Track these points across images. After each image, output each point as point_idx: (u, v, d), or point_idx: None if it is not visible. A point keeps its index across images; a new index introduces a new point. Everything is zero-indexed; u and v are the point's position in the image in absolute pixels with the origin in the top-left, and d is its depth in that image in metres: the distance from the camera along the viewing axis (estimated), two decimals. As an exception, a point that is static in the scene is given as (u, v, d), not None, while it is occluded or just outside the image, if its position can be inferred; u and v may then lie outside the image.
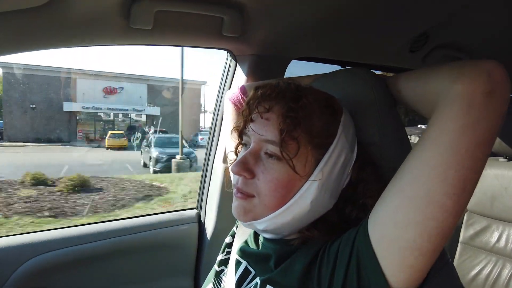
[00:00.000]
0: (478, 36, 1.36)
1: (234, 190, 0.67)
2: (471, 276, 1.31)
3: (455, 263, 1.38)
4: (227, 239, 0.85)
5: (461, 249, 1.38)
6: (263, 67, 1.21)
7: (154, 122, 14.66)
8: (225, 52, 1.26)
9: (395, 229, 0.51)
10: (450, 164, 0.48)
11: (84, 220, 4.83)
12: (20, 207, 5.01)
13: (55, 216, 4.85)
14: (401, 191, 0.52)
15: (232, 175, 0.78)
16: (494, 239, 1.30)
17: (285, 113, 0.60)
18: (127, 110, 15.47)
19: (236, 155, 0.74)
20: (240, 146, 0.72)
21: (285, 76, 1.27)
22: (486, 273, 1.28)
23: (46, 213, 4.87)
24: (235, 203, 0.66)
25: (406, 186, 0.52)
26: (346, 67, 1.36)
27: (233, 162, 0.66)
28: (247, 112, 0.66)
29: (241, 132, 0.67)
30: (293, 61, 1.31)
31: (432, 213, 0.48)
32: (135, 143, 11.57)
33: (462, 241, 1.38)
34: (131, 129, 14.50)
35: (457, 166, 0.48)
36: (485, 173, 1.34)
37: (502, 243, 1.27)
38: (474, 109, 0.48)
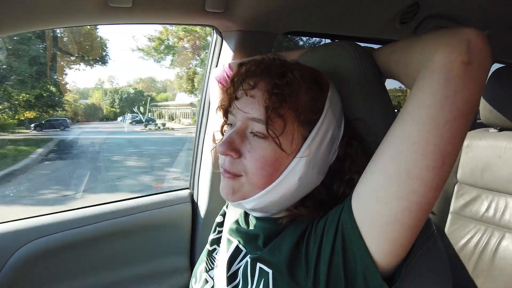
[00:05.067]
0: (470, 4, 1.32)
1: (221, 170, 0.66)
2: (461, 245, 1.34)
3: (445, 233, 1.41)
4: (218, 219, 0.85)
5: (451, 219, 1.41)
6: (250, 43, 1.18)
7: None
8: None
9: (377, 205, 0.51)
10: (430, 139, 0.47)
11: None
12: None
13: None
14: (383, 167, 0.52)
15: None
16: (483, 208, 1.32)
17: (270, 89, 0.58)
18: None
19: (222, 134, 0.73)
20: (226, 125, 0.70)
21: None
22: (475, 241, 1.31)
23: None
24: (223, 183, 0.65)
25: (387, 162, 0.51)
26: (335, 41, 1.33)
27: (219, 142, 0.65)
28: (231, 89, 0.64)
29: (226, 110, 0.66)
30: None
31: (413, 187, 0.48)
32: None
33: (453, 211, 1.41)
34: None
35: (437, 140, 0.47)
36: (476, 143, 1.35)
37: (491, 212, 1.30)
38: (453, 80, 0.47)
